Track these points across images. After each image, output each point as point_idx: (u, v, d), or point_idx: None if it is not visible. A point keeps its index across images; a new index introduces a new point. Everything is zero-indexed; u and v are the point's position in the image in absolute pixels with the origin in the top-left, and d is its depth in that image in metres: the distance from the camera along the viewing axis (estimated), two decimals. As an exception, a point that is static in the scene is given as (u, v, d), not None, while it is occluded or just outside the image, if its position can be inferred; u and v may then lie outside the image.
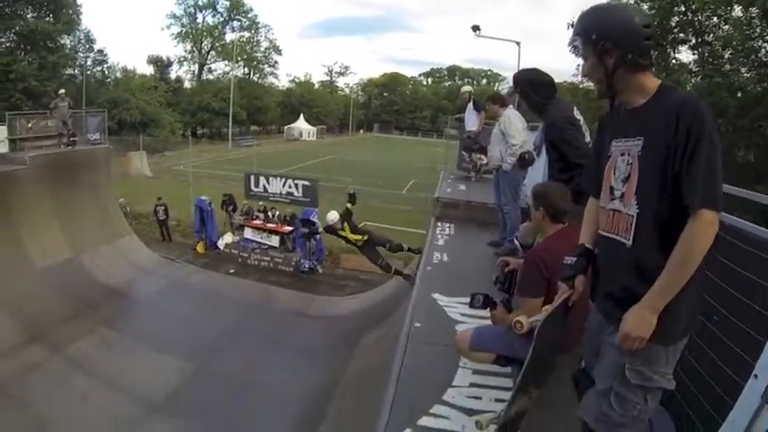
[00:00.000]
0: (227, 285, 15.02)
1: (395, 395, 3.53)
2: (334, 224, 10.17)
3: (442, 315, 4.82)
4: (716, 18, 16.83)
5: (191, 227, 19.44)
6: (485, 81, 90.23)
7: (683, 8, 17.05)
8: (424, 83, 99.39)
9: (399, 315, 9.05)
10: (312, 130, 70.54)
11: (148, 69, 62.27)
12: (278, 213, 18.04)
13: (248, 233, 17.79)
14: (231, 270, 16.48)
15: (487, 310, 3.28)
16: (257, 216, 18.12)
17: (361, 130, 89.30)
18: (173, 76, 65.06)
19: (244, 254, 17.25)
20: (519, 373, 2.63)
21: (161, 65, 63.59)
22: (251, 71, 74.44)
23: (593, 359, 2.28)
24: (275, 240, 17.36)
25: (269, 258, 16.93)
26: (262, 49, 74.86)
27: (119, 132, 36.21)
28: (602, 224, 2.17)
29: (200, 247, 18.17)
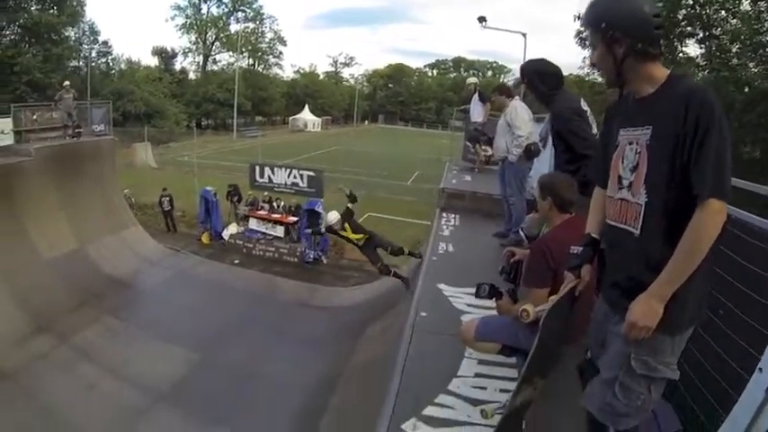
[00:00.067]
0: (231, 276, 15.04)
1: (400, 385, 3.53)
2: (334, 225, 10.21)
3: (447, 305, 4.82)
4: (724, 12, 16.69)
5: (195, 218, 19.47)
6: (490, 73, 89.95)
7: (690, 1, 16.92)
8: (430, 74, 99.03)
9: (404, 306, 9.05)
10: (317, 121, 70.36)
11: (153, 61, 62.32)
12: (283, 204, 18.03)
13: (253, 224, 17.82)
14: (236, 260, 16.51)
15: (493, 300, 3.27)
16: (262, 207, 18.13)
17: (366, 122, 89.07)
18: (177, 67, 65.29)
19: (248, 244, 17.27)
20: (524, 363, 2.61)
21: (165, 56, 63.60)
22: (255, 62, 74.32)
23: (598, 349, 2.29)
24: (280, 231, 17.38)
25: (274, 249, 16.95)
26: (266, 39, 74.85)
27: (123, 124, 36.26)
28: (609, 214, 2.17)
29: (204, 238, 18.22)
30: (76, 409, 8.29)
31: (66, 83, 16.37)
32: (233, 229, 18.21)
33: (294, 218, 17.51)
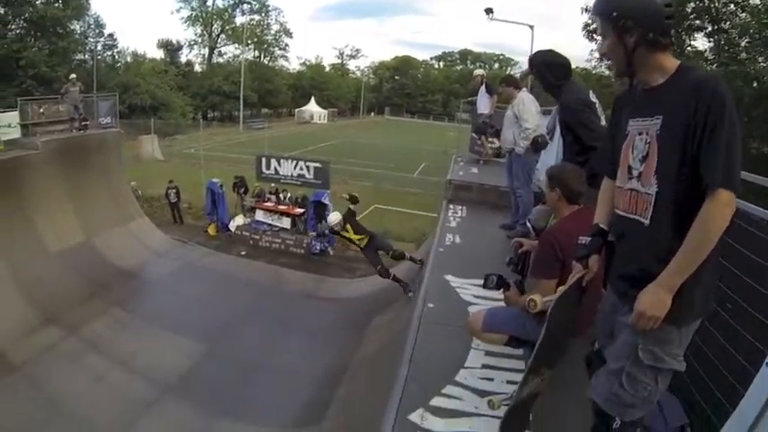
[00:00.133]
0: (238, 267, 15.08)
1: (407, 375, 3.57)
2: (335, 226, 10.32)
3: (454, 296, 4.85)
4: (733, 5, 16.48)
5: (202, 209, 19.47)
6: (497, 65, 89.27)
7: (699, -6, 16.74)
8: (436, 66, 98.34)
9: (410, 297, 9.09)
10: (323, 113, 70.21)
11: (158, 53, 62.30)
12: (289, 195, 18.04)
13: (260, 215, 17.80)
14: (242, 252, 16.51)
15: (501, 291, 3.29)
16: (269, 198, 18.11)
17: (373, 114, 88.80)
18: (183, 59, 65.41)
19: (255, 236, 17.28)
20: (531, 354, 2.63)
21: (171, 49, 63.58)
22: (261, 54, 74.18)
23: (605, 340, 2.29)
24: (286, 222, 17.36)
25: (280, 240, 16.94)
26: (272, 32, 74.67)
27: (130, 116, 36.28)
28: (619, 204, 2.16)
29: (211, 230, 18.24)
30: (84, 401, 8.34)
31: (73, 76, 16.37)
32: (239, 220, 18.22)
33: (301, 209, 17.52)
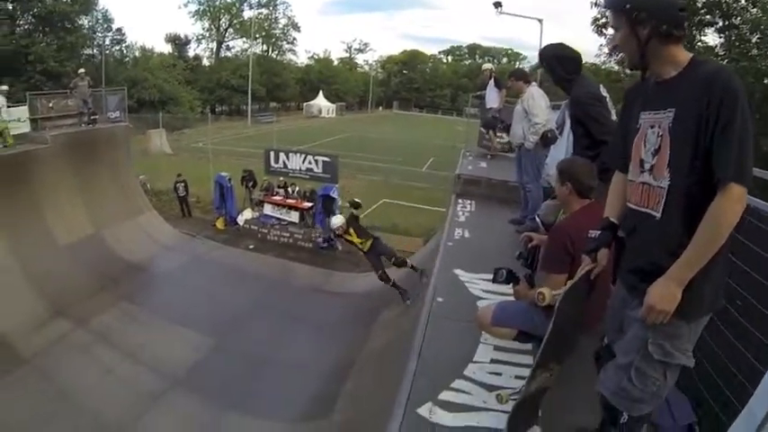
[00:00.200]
0: (246, 261, 15.13)
1: (416, 369, 3.56)
2: (337, 230, 10.35)
3: (463, 291, 4.83)
4: (744, 0, 16.28)
5: (210, 203, 19.54)
6: (505, 60, 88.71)
7: (710, -12, 16.54)
8: (444, 61, 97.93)
9: (418, 291, 9.08)
10: (331, 107, 70.10)
11: (166, 48, 62.60)
12: (298, 189, 18.03)
13: (268, 209, 17.83)
14: (251, 246, 16.55)
15: (510, 285, 3.27)
16: (277, 192, 18.11)
17: (381, 108, 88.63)
18: (191, 54, 65.48)
19: (263, 230, 17.31)
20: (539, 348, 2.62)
21: (179, 43, 63.75)
22: (269, 48, 74.09)
23: (615, 335, 2.30)
24: (295, 216, 17.37)
25: (288, 234, 16.95)
26: (280, 26, 74.49)
27: (138, 111, 36.37)
28: (631, 198, 2.16)
29: (219, 223, 18.26)
30: (93, 393, 8.40)
31: (82, 70, 16.48)
32: (248, 214, 18.25)
33: (309, 203, 17.51)
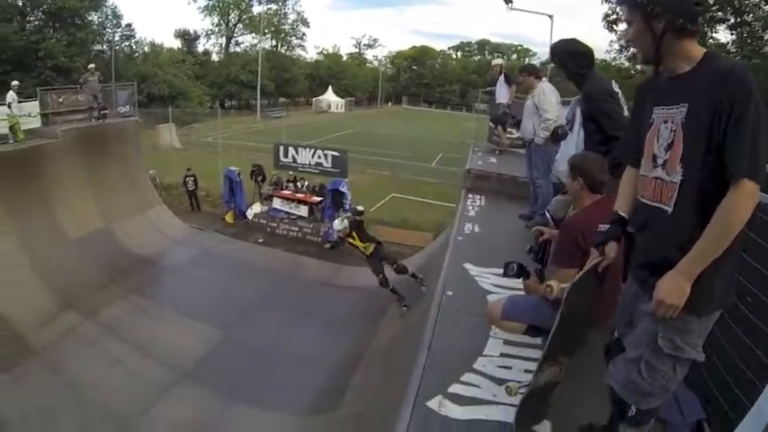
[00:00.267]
0: (255, 255, 15.13)
1: (426, 363, 3.61)
2: (339, 232, 10.46)
3: (473, 285, 4.88)
4: (756, -3, 16.16)
5: (220, 197, 19.63)
6: (515, 56, 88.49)
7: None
8: (454, 56, 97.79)
9: (427, 286, 9.02)
10: (341, 102, 70.30)
11: (176, 43, 63.13)
12: (307, 184, 18.06)
13: (277, 203, 17.84)
14: (260, 240, 16.58)
15: (520, 279, 3.27)
16: (286, 186, 18.16)
17: (390, 103, 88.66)
18: (200, 49, 65.98)
19: (272, 224, 17.32)
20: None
21: (188, 38, 64.29)
22: (278, 43, 74.28)
23: (625, 328, 2.31)
24: (304, 210, 17.38)
25: (297, 228, 16.95)
26: (289, 21, 74.63)
27: (148, 105, 36.74)
28: (643, 193, 2.15)
29: (229, 217, 18.32)
30: (102, 386, 8.42)
31: (92, 66, 16.58)
32: (257, 208, 18.25)
33: (318, 198, 17.53)
